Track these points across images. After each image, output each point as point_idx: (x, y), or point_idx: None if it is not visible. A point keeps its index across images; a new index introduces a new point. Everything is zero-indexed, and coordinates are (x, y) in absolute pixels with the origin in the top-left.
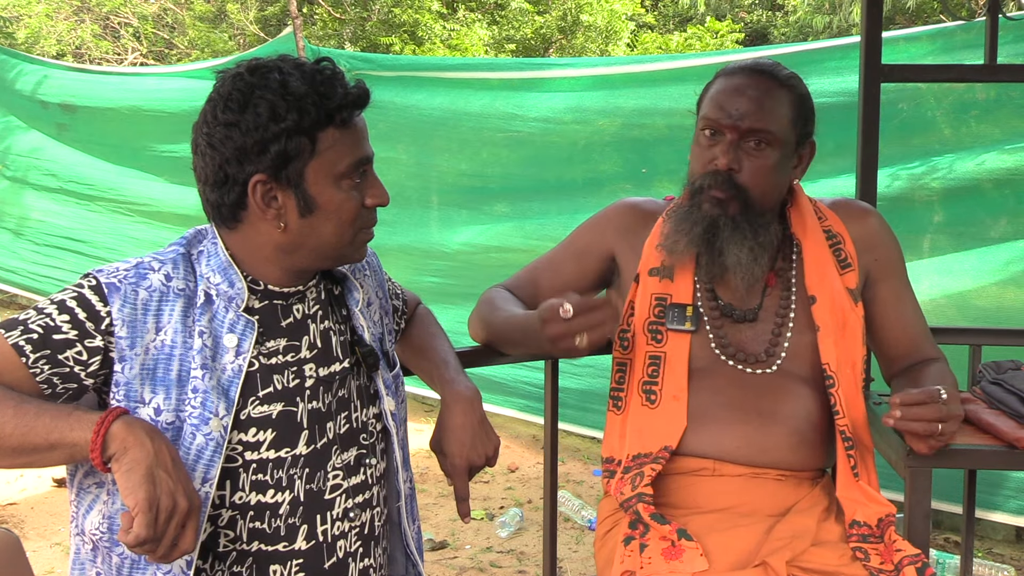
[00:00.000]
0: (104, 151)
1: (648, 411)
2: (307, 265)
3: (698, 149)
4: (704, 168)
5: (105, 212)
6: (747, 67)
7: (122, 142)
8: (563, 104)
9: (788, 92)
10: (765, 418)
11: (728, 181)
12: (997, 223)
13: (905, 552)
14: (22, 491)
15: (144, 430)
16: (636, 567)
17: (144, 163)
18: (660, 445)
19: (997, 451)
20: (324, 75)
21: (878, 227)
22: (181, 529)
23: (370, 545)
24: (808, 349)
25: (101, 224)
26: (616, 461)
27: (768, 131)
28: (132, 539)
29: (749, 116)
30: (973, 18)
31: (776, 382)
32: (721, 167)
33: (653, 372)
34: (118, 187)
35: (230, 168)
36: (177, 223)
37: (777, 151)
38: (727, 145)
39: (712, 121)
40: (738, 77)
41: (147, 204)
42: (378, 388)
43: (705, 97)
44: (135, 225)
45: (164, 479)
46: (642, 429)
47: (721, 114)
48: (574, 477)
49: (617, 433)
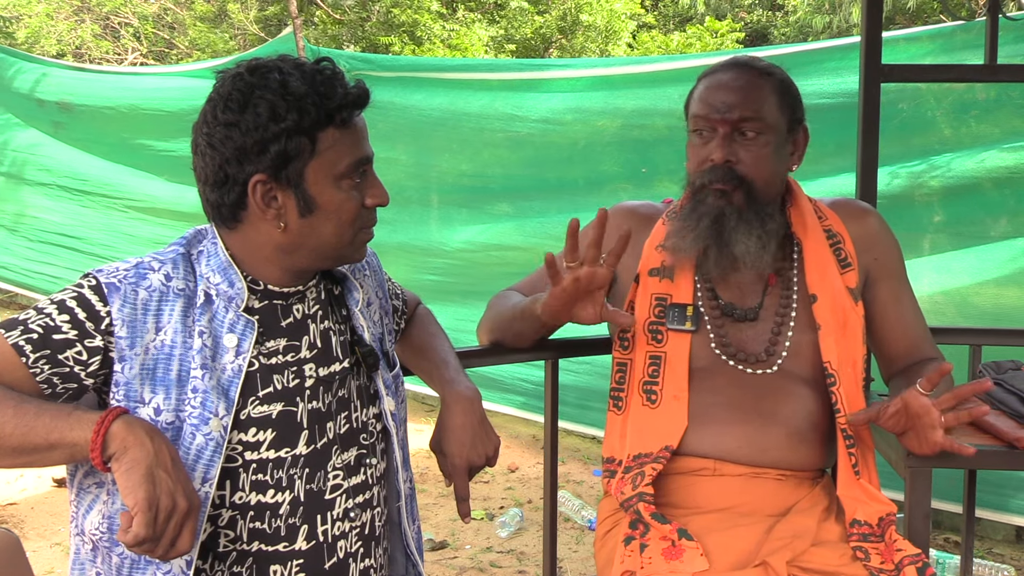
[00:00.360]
0: (101, 149)
1: (649, 411)
2: (307, 265)
3: (692, 150)
4: (701, 166)
5: (100, 208)
6: (725, 64)
7: (120, 141)
8: (563, 104)
9: (769, 79)
10: (765, 418)
11: (729, 173)
12: (997, 222)
13: (906, 552)
14: (22, 491)
15: (144, 430)
16: (636, 567)
17: (142, 161)
18: (661, 445)
19: (997, 451)
20: (324, 75)
21: (878, 227)
22: (180, 529)
23: (371, 545)
24: (809, 348)
25: (96, 221)
26: (617, 461)
27: (758, 118)
28: (131, 538)
29: (736, 107)
30: (973, 18)
31: (776, 382)
32: (718, 160)
33: (653, 372)
34: (114, 184)
35: (230, 168)
36: (173, 219)
37: (771, 137)
38: (721, 139)
39: (702, 119)
40: (719, 74)
41: (143, 200)
42: (378, 388)
43: (691, 101)
44: (130, 222)
45: (164, 479)
46: (643, 429)
47: (709, 110)
48: (574, 477)
49: (618, 433)
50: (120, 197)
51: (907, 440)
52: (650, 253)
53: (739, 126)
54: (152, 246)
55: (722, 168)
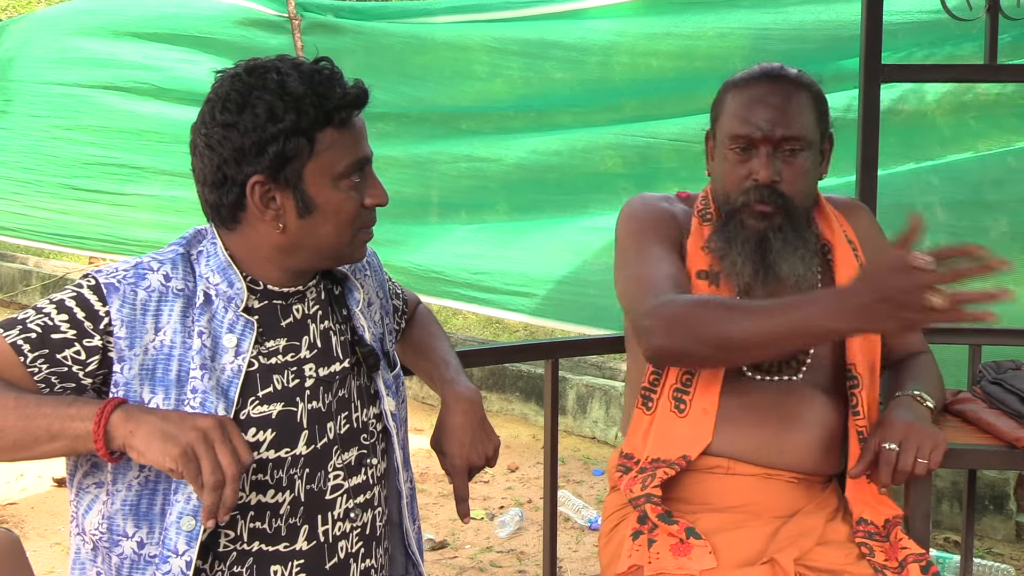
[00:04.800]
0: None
1: (676, 419)
2: (306, 265)
3: (728, 167)
4: (742, 183)
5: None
6: (756, 75)
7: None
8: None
9: (805, 92)
10: (785, 422)
11: (774, 193)
12: (997, 223)
13: (910, 550)
14: (22, 491)
15: (141, 410)
16: (644, 561)
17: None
18: (680, 454)
19: (997, 451)
20: (322, 75)
21: (870, 221)
22: (228, 444)
23: (371, 545)
24: (832, 356)
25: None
26: (635, 459)
27: (801, 136)
28: (207, 500)
29: (779, 124)
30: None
31: (800, 389)
32: (764, 180)
33: (687, 380)
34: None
35: (228, 169)
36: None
37: (809, 154)
38: (765, 157)
39: (743, 138)
40: (752, 88)
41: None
42: (378, 388)
43: (722, 114)
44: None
45: (175, 428)
46: (667, 436)
47: (751, 128)
48: (574, 477)
49: (642, 432)
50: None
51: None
52: (695, 253)
53: (781, 144)
54: (87, 168)
55: (767, 188)
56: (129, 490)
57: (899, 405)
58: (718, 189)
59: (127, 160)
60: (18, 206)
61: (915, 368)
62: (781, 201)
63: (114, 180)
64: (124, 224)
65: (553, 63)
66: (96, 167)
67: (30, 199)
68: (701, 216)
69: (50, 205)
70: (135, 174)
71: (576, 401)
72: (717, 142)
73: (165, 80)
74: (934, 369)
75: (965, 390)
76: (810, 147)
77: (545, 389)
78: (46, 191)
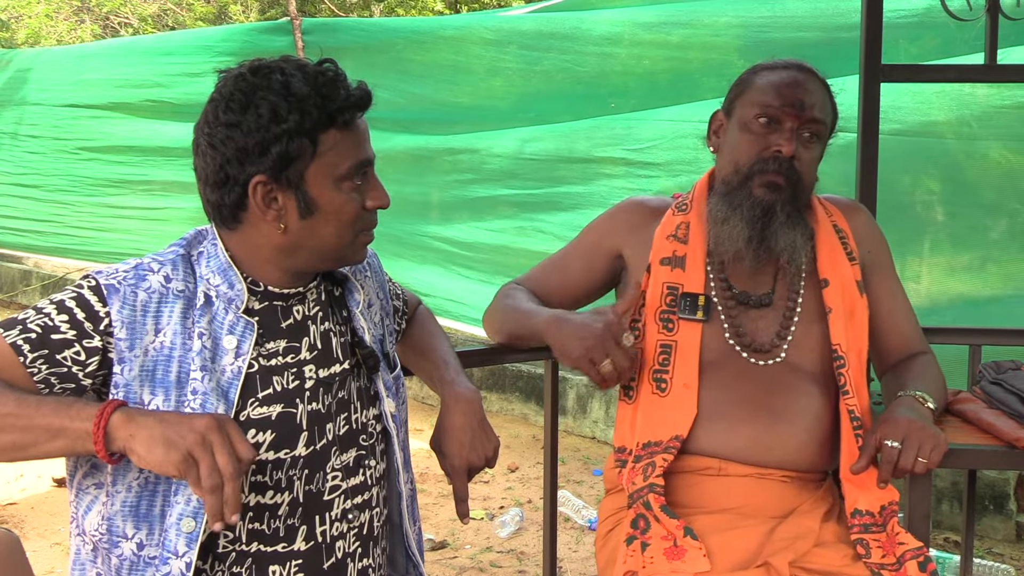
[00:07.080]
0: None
1: (659, 399)
2: (307, 266)
3: (749, 137)
4: (761, 153)
5: (50, 153)
6: (788, 63)
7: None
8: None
9: (826, 88)
10: (774, 415)
11: (791, 167)
12: (997, 223)
13: (908, 545)
14: (22, 491)
15: (140, 412)
16: (638, 567)
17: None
18: (671, 434)
19: (997, 451)
20: (326, 76)
21: (868, 221)
22: (227, 444)
23: (369, 545)
24: (815, 338)
25: (47, 166)
26: (627, 450)
27: (824, 123)
28: (209, 504)
29: (811, 107)
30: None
31: (784, 376)
32: (787, 153)
33: (664, 360)
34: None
35: (231, 169)
36: (133, 155)
37: (820, 146)
38: (789, 133)
39: (774, 108)
40: (787, 71)
41: (95, 139)
42: (378, 389)
43: (750, 88)
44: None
45: (175, 433)
46: (653, 417)
47: (783, 101)
48: (574, 477)
49: (628, 422)
50: (70, 139)
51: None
52: (661, 242)
53: (806, 126)
54: (112, 188)
55: (786, 161)
56: (129, 491)
57: (901, 404)
58: (726, 162)
59: (155, 176)
60: (60, 227)
61: (917, 368)
62: (795, 177)
63: (146, 196)
64: (159, 239)
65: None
66: (127, 184)
67: (70, 219)
68: (677, 207)
69: (89, 223)
70: (165, 189)
71: (576, 401)
72: (733, 117)
73: (178, 96)
74: (936, 370)
75: (965, 390)
76: (822, 140)
77: (545, 389)
78: (84, 211)
